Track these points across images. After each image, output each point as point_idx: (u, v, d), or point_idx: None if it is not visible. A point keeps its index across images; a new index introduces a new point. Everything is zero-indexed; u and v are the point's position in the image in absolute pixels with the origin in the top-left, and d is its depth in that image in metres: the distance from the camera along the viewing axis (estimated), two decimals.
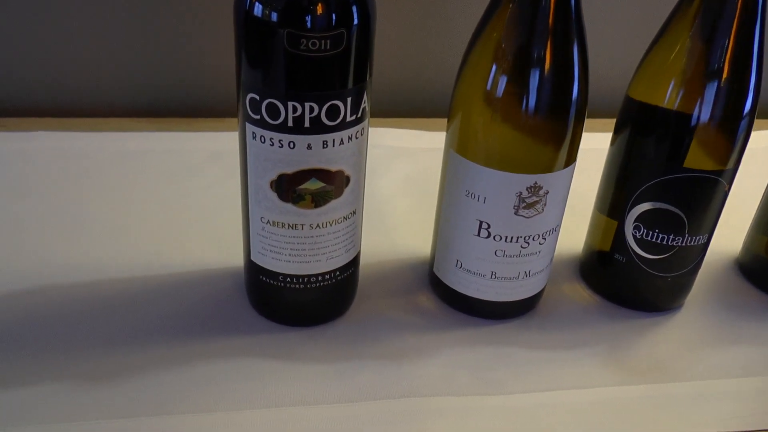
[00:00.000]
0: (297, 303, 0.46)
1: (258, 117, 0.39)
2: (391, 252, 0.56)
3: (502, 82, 0.41)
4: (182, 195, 0.61)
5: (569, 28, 0.40)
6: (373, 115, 0.77)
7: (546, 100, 0.41)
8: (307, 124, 0.38)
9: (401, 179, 0.66)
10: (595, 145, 0.60)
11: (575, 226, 0.56)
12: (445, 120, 0.46)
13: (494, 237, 0.45)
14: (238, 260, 0.48)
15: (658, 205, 0.46)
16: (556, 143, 0.43)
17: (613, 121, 0.49)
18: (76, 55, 0.73)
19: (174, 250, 0.54)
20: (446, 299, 0.50)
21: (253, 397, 0.42)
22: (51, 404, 0.40)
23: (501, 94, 0.41)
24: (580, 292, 0.53)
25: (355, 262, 0.47)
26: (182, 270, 0.51)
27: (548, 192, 0.43)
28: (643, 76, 0.46)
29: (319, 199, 0.41)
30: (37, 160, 0.64)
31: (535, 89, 0.41)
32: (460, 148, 0.44)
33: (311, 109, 0.38)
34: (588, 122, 0.45)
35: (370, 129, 0.71)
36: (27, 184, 0.60)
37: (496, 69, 0.41)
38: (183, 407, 0.41)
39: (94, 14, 0.71)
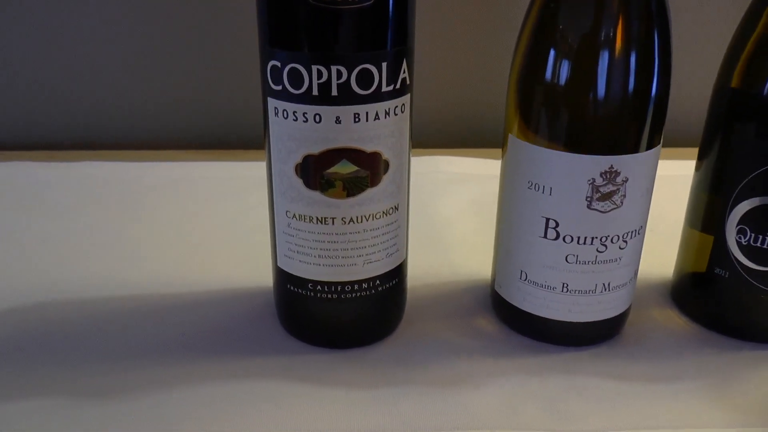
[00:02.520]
0: (330, 317, 0.39)
1: (280, 88, 0.34)
2: (449, 273, 0.49)
3: (570, 40, 0.35)
4: (226, 216, 0.57)
5: None
6: (432, 146, 0.73)
7: (622, 62, 0.34)
8: (334, 92, 0.33)
9: (464, 202, 0.60)
10: (678, 172, 0.54)
11: (664, 247, 0.48)
12: None
13: (564, 238, 0.37)
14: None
15: (767, 200, 0.38)
16: (636, 116, 0.36)
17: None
18: (124, 89, 0.71)
19: (207, 268, 0.49)
20: (510, 321, 0.42)
21: (270, 423, 0.35)
22: (59, 419, 0.35)
23: (568, 56, 0.35)
24: (674, 319, 0.44)
25: (399, 271, 0.40)
26: (213, 288, 0.46)
27: (627, 179, 0.36)
28: (737, 59, 0.39)
29: (351, 186, 0.35)
30: (80, 186, 0.62)
31: (608, 50, 0.34)
32: (520, 130, 0.37)
33: (339, 74, 0.33)
34: (665, 151, 0.40)
35: (430, 157, 0.67)
36: (66, 207, 0.58)
37: (564, 27, 0.35)
38: (187, 428, 0.34)
39: (144, 51, 0.69)
